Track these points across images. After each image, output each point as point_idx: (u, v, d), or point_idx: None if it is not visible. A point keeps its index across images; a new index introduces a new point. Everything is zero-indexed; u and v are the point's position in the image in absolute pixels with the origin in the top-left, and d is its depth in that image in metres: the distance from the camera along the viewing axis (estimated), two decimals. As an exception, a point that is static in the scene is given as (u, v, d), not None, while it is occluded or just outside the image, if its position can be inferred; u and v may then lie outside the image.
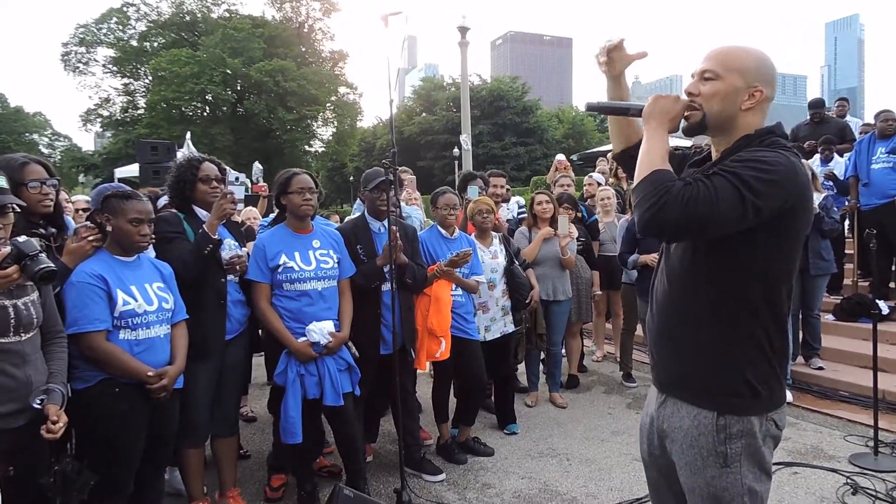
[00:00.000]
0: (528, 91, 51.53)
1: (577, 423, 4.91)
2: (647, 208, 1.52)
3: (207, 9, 39.71)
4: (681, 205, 1.48)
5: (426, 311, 4.00)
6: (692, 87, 1.73)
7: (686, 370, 1.74)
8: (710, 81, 1.69)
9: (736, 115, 1.69)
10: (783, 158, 1.56)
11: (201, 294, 3.15)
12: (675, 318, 1.77)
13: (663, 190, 1.51)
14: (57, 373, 2.37)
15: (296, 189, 3.39)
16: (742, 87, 1.67)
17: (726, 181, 1.50)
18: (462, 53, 20.29)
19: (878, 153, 6.55)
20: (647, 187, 1.55)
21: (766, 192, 1.50)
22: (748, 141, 1.67)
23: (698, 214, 1.48)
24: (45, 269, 2.13)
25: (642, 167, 1.60)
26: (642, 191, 1.56)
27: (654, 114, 1.68)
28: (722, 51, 1.72)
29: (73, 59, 37.65)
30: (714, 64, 1.70)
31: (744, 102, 1.68)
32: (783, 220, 1.58)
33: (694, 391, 1.72)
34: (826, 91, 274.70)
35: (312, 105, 36.86)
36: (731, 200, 1.48)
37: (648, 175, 1.56)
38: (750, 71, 1.68)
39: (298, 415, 3.28)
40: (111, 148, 37.08)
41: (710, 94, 1.69)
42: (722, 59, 1.70)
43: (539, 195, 5.39)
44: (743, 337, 1.66)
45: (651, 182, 1.55)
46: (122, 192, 2.78)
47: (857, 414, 4.89)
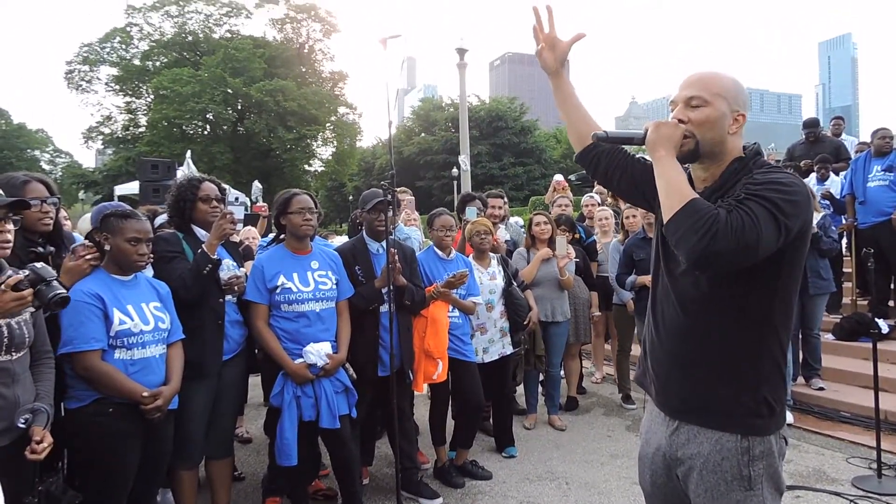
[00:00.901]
0: (525, 111, 51.77)
1: (577, 446, 4.87)
2: (698, 241, 1.47)
3: (209, 29, 40.08)
4: (732, 234, 1.45)
5: (423, 333, 3.98)
6: (680, 114, 1.72)
7: (707, 396, 1.69)
8: (698, 108, 1.69)
9: (725, 139, 1.70)
10: (795, 179, 1.59)
11: (199, 314, 3.14)
12: (692, 344, 1.72)
13: (711, 220, 1.47)
14: (44, 393, 2.34)
15: (296, 209, 3.40)
16: (728, 112, 1.69)
17: (761, 206, 1.49)
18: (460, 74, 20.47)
19: (874, 171, 6.56)
20: (690, 219, 1.50)
21: (792, 212, 1.52)
22: (743, 163, 1.69)
23: (748, 242, 1.46)
24: (58, 295, 2.13)
25: (672, 198, 1.56)
26: (685, 223, 1.51)
27: (659, 142, 1.66)
28: (704, 77, 1.73)
29: (77, 78, 37.94)
30: (699, 90, 1.70)
31: (730, 127, 1.70)
32: (800, 238, 1.60)
33: (716, 416, 1.68)
34: (821, 109, 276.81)
35: (312, 125, 37.05)
36: (770, 224, 1.49)
37: (686, 206, 1.52)
38: (732, 96, 1.70)
39: (294, 437, 3.25)
40: (112, 165, 37.21)
41: (701, 121, 1.68)
42: (706, 86, 1.70)
43: (537, 216, 5.39)
44: (764, 357, 1.66)
45: (692, 213, 1.50)
46: (121, 211, 2.78)
47: (859, 435, 4.85)
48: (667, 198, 1.58)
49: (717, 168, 1.73)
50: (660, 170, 1.63)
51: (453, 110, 46.36)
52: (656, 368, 1.83)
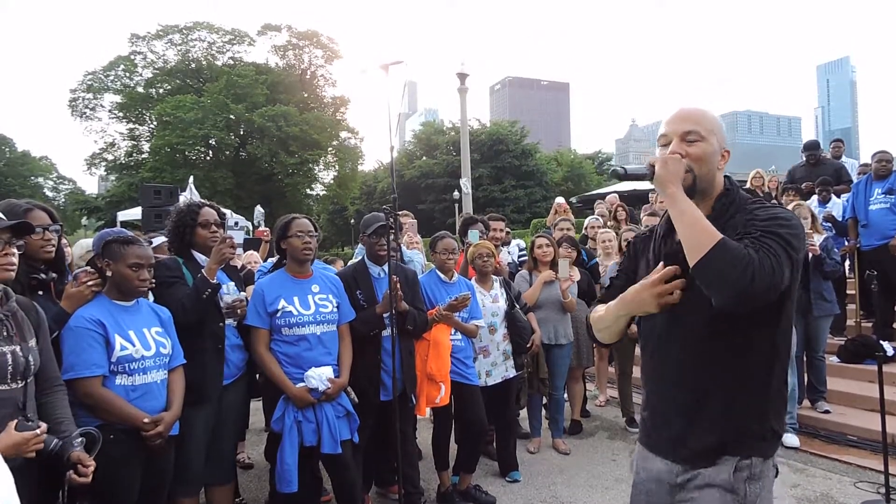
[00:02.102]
0: (526, 135, 52.10)
1: (581, 470, 4.82)
2: (736, 281, 1.46)
3: (212, 56, 40.58)
4: (768, 274, 1.47)
5: (425, 356, 3.97)
6: (679, 148, 1.71)
7: (726, 439, 1.67)
8: (696, 143, 1.71)
9: (715, 175, 1.74)
10: (791, 213, 1.66)
11: (199, 339, 3.13)
12: (707, 386, 1.69)
13: (746, 261, 1.47)
14: (68, 418, 2.33)
15: (295, 233, 3.41)
16: (718, 148, 1.73)
17: (777, 244, 1.52)
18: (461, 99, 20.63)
19: (875, 194, 6.58)
20: (726, 259, 1.48)
21: (798, 246, 1.57)
22: (731, 198, 1.74)
23: (776, 281, 1.49)
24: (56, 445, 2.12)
25: (701, 237, 1.54)
26: (720, 263, 1.49)
27: (669, 178, 1.64)
28: (697, 113, 1.76)
29: (81, 105, 38.34)
30: (695, 125, 1.71)
31: (719, 163, 1.74)
32: (798, 268, 1.63)
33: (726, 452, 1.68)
34: (820, 132, 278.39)
35: (314, 149, 37.30)
36: (787, 262, 1.52)
37: (719, 246, 1.50)
38: (720, 134, 1.74)
39: (295, 462, 3.23)
40: (115, 191, 37.41)
41: (699, 157, 1.70)
42: (700, 121, 1.73)
43: (539, 238, 5.40)
44: (773, 388, 1.68)
45: (727, 253, 1.49)
46: (123, 237, 2.79)
47: (866, 459, 4.79)
48: (693, 237, 1.55)
49: (705, 203, 1.73)
50: (677, 208, 1.62)
51: (454, 134, 46.73)
52: (665, 413, 1.80)
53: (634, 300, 1.71)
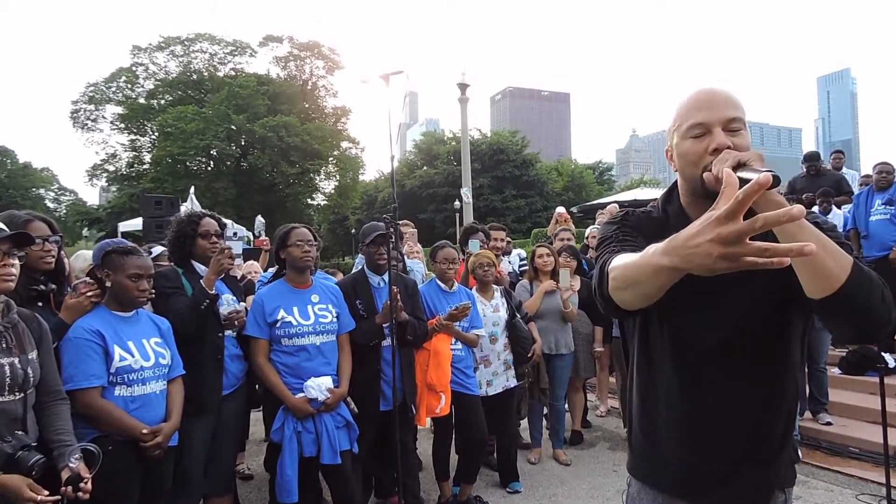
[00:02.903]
0: (527, 144, 52.21)
1: (582, 481, 4.79)
2: (883, 312, 1.22)
3: (214, 67, 40.74)
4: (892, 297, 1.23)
5: (426, 366, 3.96)
6: (725, 139, 1.34)
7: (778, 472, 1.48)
8: (740, 133, 1.37)
9: None
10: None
11: (198, 349, 3.13)
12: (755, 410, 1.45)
13: (881, 284, 1.23)
14: (68, 430, 2.32)
15: (294, 242, 3.41)
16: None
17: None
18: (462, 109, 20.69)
19: (875, 205, 6.59)
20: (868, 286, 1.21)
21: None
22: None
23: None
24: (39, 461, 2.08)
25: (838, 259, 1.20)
26: (864, 292, 1.20)
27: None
28: (732, 96, 1.41)
29: (82, 117, 38.44)
30: (738, 111, 1.38)
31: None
32: None
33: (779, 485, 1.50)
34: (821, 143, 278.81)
35: (315, 159, 37.38)
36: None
37: (856, 268, 1.20)
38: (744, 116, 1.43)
39: (294, 473, 3.22)
40: (116, 202, 37.46)
41: (745, 147, 1.35)
42: (739, 107, 1.39)
43: (540, 248, 5.40)
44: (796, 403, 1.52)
45: (867, 279, 1.21)
46: (123, 247, 2.79)
47: (868, 471, 4.77)
48: (827, 258, 1.19)
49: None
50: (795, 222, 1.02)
51: (455, 144, 46.85)
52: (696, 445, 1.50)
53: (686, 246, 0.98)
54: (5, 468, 2.00)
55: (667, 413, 1.54)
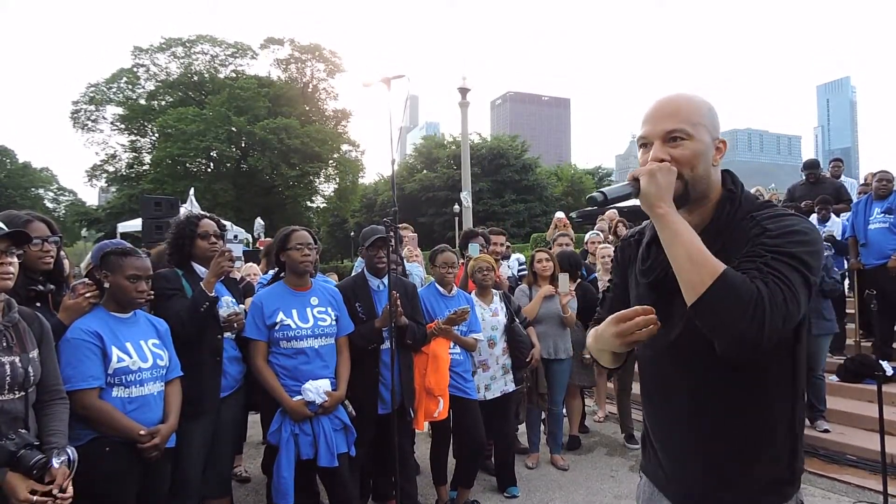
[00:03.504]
0: (527, 149, 52.27)
1: (579, 487, 4.79)
2: (746, 327, 1.21)
3: (215, 69, 40.81)
4: (779, 312, 1.22)
5: (424, 370, 3.96)
6: (661, 153, 1.42)
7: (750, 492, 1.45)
8: (682, 142, 1.42)
9: (710, 173, 1.46)
10: (808, 223, 1.39)
11: (197, 351, 3.13)
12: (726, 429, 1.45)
13: (755, 299, 1.21)
14: (60, 432, 2.31)
15: (294, 245, 3.41)
16: (709, 141, 1.45)
17: (792, 268, 1.28)
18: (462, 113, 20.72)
19: (874, 213, 6.59)
20: (729, 300, 1.23)
21: (817, 266, 1.33)
22: (734, 204, 1.46)
23: (791, 316, 1.25)
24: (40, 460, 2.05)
25: (699, 270, 1.26)
26: (722, 305, 1.23)
27: (659, 195, 1.35)
28: (680, 104, 1.46)
29: (83, 117, 38.50)
30: (681, 122, 1.42)
31: (714, 158, 1.46)
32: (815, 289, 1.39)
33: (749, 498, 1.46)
34: (820, 151, 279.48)
35: (315, 162, 37.42)
36: (803, 288, 1.28)
37: (718, 283, 1.24)
38: (710, 122, 1.46)
39: (291, 475, 3.21)
40: (115, 203, 37.47)
41: (689, 159, 1.41)
42: (687, 115, 1.43)
43: (539, 253, 5.40)
44: (797, 424, 1.46)
45: (729, 292, 1.23)
46: (121, 248, 2.79)
47: (865, 479, 4.76)
48: (689, 269, 1.28)
49: (704, 209, 1.48)
50: (668, 232, 1.33)
51: (455, 148, 46.88)
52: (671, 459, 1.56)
53: (602, 337, 1.45)
54: (7, 466, 1.99)
55: (646, 409, 1.68)
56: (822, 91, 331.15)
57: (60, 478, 2.06)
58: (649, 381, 1.63)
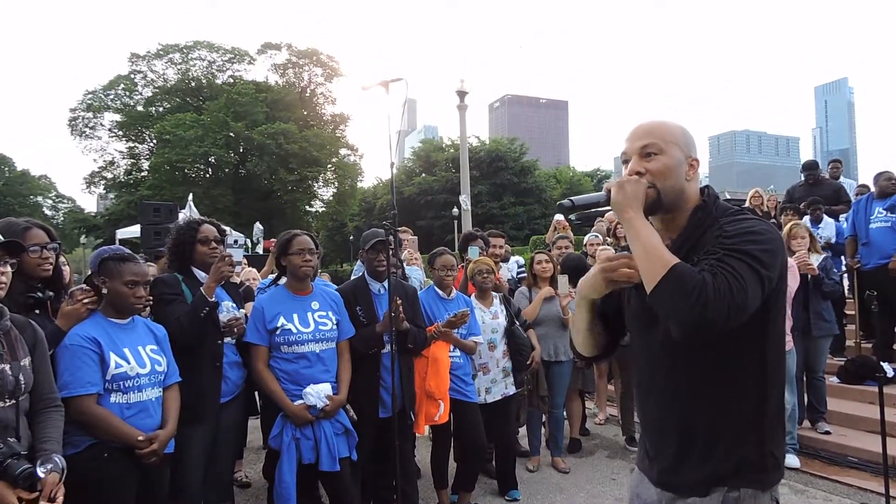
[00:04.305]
0: (525, 152, 52.33)
1: (580, 490, 4.78)
2: (689, 311, 1.38)
3: (212, 75, 40.85)
4: (722, 300, 1.37)
5: (424, 374, 3.95)
6: (637, 166, 1.65)
7: (718, 470, 1.56)
8: (655, 157, 1.64)
9: (683, 187, 1.66)
10: (765, 225, 1.54)
11: (197, 356, 3.12)
12: (695, 413, 1.60)
13: (699, 287, 1.38)
14: (54, 439, 2.30)
15: (295, 250, 3.41)
16: (682, 158, 1.66)
17: (742, 262, 1.43)
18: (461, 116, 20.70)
19: (875, 212, 6.58)
20: (678, 288, 1.41)
21: (771, 262, 1.47)
22: (706, 211, 1.64)
23: (738, 305, 1.39)
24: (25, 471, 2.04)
25: (654, 264, 1.47)
26: (672, 292, 1.42)
27: (627, 202, 1.57)
28: (654, 126, 1.69)
29: (80, 124, 38.53)
30: (653, 139, 1.65)
31: (687, 174, 1.67)
32: (779, 284, 1.54)
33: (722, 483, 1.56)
34: (818, 152, 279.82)
35: (314, 166, 37.44)
36: (754, 280, 1.43)
37: (671, 273, 1.43)
38: (683, 142, 1.67)
39: (293, 480, 3.20)
40: (114, 209, 37.49)
41: (660, 170, 1.63)
42: (657, 133, 1.66)
43: (538, 254, 5.40)
44: (770, 412, 1.58)
45: (679, 281, 1.41)
46: (119, 254, 2.78)
47: (867, 481, 4.75)
48: (647, 264, 1.49)
49: (679, 219, 1.68)
50: (633, 232, 1.54)
51: (453, 151, 46.89)
52: (651, 437, 1.73)
53: (586, 282, 1.71)
54: None
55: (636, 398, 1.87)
56: (820, 92, 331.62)
57: (49, 487, 2.05)
58: (638, 372, 1.80)
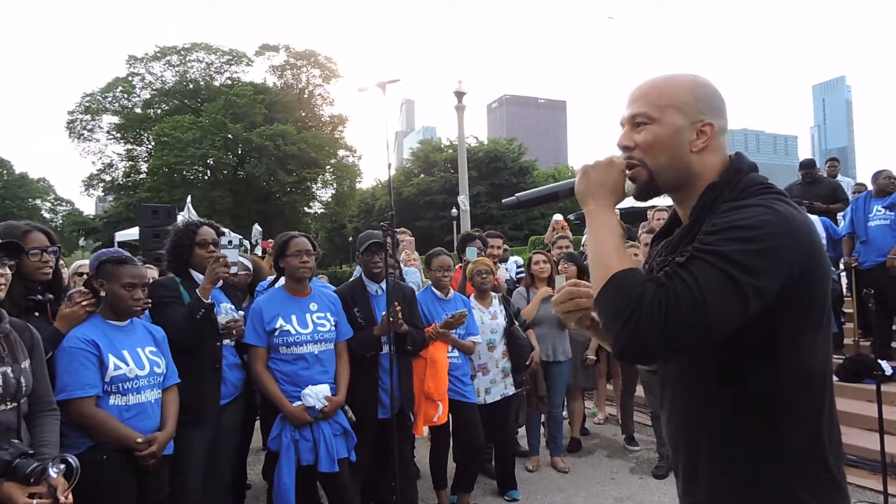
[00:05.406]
0: (524, 152, 52.36)
1: (580, 489, 4.78)
2: (619, 332, 1.13)
3: (210, 77, 40.80)
4: (659, 320, 1.09)
5: (423, 375, 3.95)
6: (624, 139, 1.35)
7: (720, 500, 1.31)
8: (643, 127, 1.32)
9: (689, 161, 1.32)
10: (769, 212, 1.17)
11: (196, 358, 3.12)
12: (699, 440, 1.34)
13: (633, 303, 1.11)
14: (52, 442, 2.30)
15: (293, 252, 3.41)
16: (684, 125, 1.30)
17: (709, 267, 1.11)
18: (459, 117, 20.70)
19: (874, 210, 6.58)
20: (612, 301, 1.16)
21: (761, 266, 1.12)
22: (715, 192, 1.29)
23: (685, 325, 1.10)
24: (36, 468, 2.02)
25: (596, 272, 1.22)
26: (605, 307, 1.18)
27: (589, 191, 1.31)
28: (649, 87, 1.35)
29: (78, 127, 38.46)
30: (642, 105, 1.32)
31: (693, 143, 1.30)
32: (801, 291, 1.19)
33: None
34: (816, 151, 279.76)
35: (312, 168, 37.42)
36: (723, 292, 1.10)
37: (606, 284, 1.17)
38: (688, 103, 1.30)
39: (292, 481, 3.21)
40: (112, 212, 37.45)
41: (648, 144, 1.31)
42: (653, 97, 1.32)
43: (536, 255, 5.40)
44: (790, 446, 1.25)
45: (613, 294, 1.16)
46: (117, 257, 2.79)
47: (865, 479, 4.75)
48: (594, 271, 1.24)
49: (691, 200, 1.34)
50: (590, 229, 1.29)
51: (452, 151, 46.90)
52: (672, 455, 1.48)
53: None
54: (3, 475, 1.99)
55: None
56: (818, 90, 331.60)
57: (61, 488, 2.06)
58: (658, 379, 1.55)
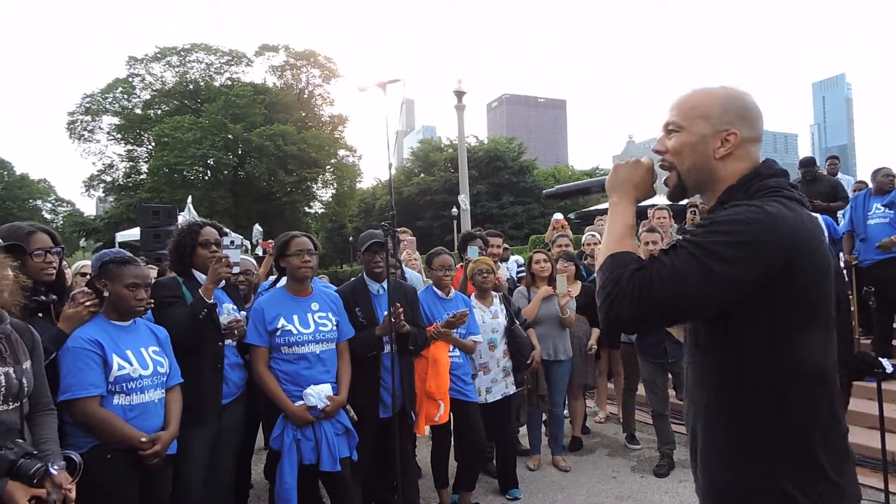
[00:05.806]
0: (524, 151, 52.37)
1: (581, 488, 4.79)
2: (601, 303, 1.35)
3: (210, 77, 40.82)
4: (631, 295, 1.29)
5: (424, 374, 3.96)
6: (659, 144, 1.54)
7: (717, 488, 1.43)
8: (674, 134, 1.50)
9: (712, 166, 1.46)
10: (757, 211, 1.31)
11: (198, 358, 3.13)
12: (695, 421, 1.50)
13: (615, 279, 1.33)
14: (52, 440, 2.32)
15: (294, 251, 3.42)
16: (709, 133, 1.45)
17: (688, 254, 1.29)
18: (459, 116, 20.69)
19: (873, 208, 6.59)
20: (601, 277, 1.38)
21: (738, 256, 1.26)
22: (729, 193, 1.44)
23: (657, 301, 1.28)
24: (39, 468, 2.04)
25: (601, 254, 1.43)
26: (598, 282, 1.39)
27: (614, 186, 1.53)
28: (683, 98, 1.52)
29: (79, 128, 38.50)
30: (675, 114, 1.50)
31: (716, 150, 1.45)
32: (783, 284, 1.29)
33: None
34: (816, 149, 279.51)
35: (312, 168, 37.43)
36: (697, 276, 1.26)
37: (603, 263, 1.40)
38: (715, 114, 1.45)
39: (294, 481, 3.21)
40: (113, 212, 37.48)
41: (676, 149, 1.49)
42: (683, 108, 1.50)
43: (536, 254, 5.40)
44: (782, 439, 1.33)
45: (604, 272, 1.38)
46: (120, 257, 2.80)
47: (866, 477, 4.75)
48: (600, 253, 1.46)
49: (713, 202, 1.50)
50: (609, 219, 1.52)
51: (452, 151, 46.91)
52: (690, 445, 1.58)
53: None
54: (7, 475, 2.00)
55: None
56: (818, 88, 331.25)
57: (65, 482, 2.08)
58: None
